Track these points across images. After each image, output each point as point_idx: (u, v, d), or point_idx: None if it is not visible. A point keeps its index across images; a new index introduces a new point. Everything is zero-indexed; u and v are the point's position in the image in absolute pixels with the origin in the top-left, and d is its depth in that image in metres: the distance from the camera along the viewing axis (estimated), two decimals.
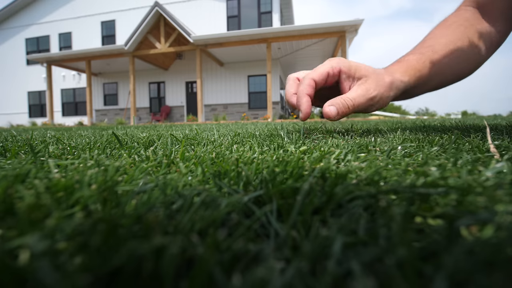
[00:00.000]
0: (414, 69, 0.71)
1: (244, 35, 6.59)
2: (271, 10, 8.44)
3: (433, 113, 10.57)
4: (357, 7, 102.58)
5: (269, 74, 6.54)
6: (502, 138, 0.52)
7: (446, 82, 0.80)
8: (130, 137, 0.78)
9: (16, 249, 0.13)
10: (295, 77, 0.69)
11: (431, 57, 0.72)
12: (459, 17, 0.77)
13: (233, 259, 0.13)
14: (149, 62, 8.52)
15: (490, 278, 0.11)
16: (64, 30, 10.45)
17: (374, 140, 0.51)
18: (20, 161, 0.34)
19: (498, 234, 0.15)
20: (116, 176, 0.26)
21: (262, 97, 8.70)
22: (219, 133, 0.95)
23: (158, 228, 0.14)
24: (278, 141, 0.56)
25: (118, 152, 0.46)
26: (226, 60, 8.79)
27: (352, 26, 6.06)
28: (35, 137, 0.86)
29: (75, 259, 0.12)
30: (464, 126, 0.99)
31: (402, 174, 0.26)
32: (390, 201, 0.18)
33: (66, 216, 0.17)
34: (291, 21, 11.05)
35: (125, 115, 9.68)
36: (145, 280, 0.11)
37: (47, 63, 8.33)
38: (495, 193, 0.19)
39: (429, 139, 0.53)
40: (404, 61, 0.73)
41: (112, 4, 9.88)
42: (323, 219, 0.18)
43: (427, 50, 0.73)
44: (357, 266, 0.12)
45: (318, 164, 0.30)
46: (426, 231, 0.16)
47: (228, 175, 0.26)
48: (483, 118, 3.95)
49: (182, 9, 9.10)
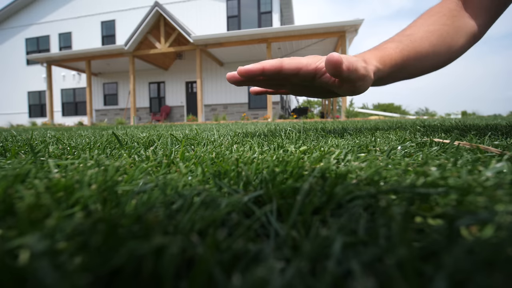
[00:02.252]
0: (390, 57, 0.70)
1: (244, 35, 6.58)
2: (271, 10, 8.44)
3: (433, 113, 10.58)
4: (357, 7, 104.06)
5: None
6: (500, 139, 0.52)
7: (422, 71, 0.81)
8: (130, 137, 0.78)
9: (16, 249, 0.13)
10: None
11: (408, 46, 0.73)
12: (443, 8, 0.79)
13: (233, 259, 0.13)
14: (149, 62, 8.52)
15: (490, 278, 0.11)
16: (64, 30, 10.45)
17: (374, 140, 0.51)
18: (20, 161, 0.34)
19: (498, 234, 0.15)
20: (116, 176, 0.26)
21: (262, 97, 8.69)
22: (219, 133, 0.95)
23: (158, 228, 0.14)
24: (278, 141, 0.56)
25: (118, 152, 0.46)
26: (226, 60, 8.79)
27: (352, 26, 6.06)
28: (35, 137, 0.86)
29: (75, 259, 0.12)
30: (464, 126, 0.99)
31: (402, 174, 0.26)
32: (390, 201, 0.18)
33: (66, 216, 0.17)
34: (291, 21, 11.05)
35: (125, 115, 9.68)
36: (145, 280, 0.11)
37: (47, 63, 8.33)
38: (495, 193, 0.19)
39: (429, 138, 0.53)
40: (381, 48, 0.73)
41: (112, 4, 9.87)
42: (323, 219, 0.18)
43: (406, 39, 0.74)
44: (357, 266, 0.12)
45: (318, 164, 0.30)
46: (426, 231, 0.16)
47: (228, 175, 0.26)
48: (483, 118, 3.95)
49: (182, 9, 9.10)
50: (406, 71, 0.76)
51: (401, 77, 0.81)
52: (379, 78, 0.73)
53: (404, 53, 0.72)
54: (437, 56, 0.76)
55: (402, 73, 0.76)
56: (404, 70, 0.75)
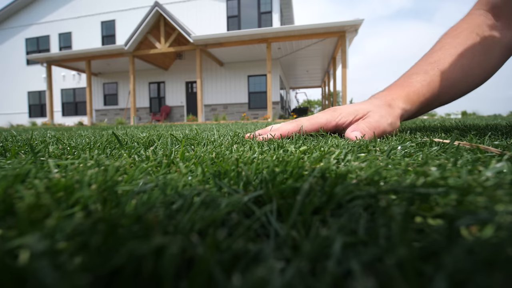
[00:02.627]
0: (418, 93, 0.67)
1: (244, 35, 6.58)
2: (271, 10, 8.44)
3: (433, 113, 10.60)
4: (357, 7, 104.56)
5: (269, 74, 6.54)
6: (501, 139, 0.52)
7: (458, 95, 0.74)
8: (130, 137, 0.78)
9: (16, 249, 0.13)
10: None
11: (436, 76, 0.67)
12: (470, 23, 0.72)
13: (233, 259, 0.13)
14: (149, 62, 8.52)
15: (490, 278, 0.11)
16: (64, 30, 10.45)
17: (374, 140, 0.51)
18: (20, 161, 0.34)
19: (498, 234, 0.15)
20: (116, 176, 0.26)
21: (262, 97, 8.70)
22: (219, 133, 0.95)
23: (158, 228, 0.14)
24: (278, 140, 0.56)
25: (118, 152, 0.46)
26: (226, 60, 8.79)
27: (352, 26, 6.06)
28: (35, 137, 0.86)
29: (75, 259, 0.12)
30: (464, 126, 0.99)
31: (402, 174, 0.26)
32: (390, 201, 0.18)
33: (66, 216, 0.17)
34: (291, 21, 11.05)
35: (125, 115, 9.68)
36: (145, 280, 0.11)
37: (47, 63, 8.33)
38: (495, 193, 0.19)
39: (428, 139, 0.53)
40: (407, 84, 0.68)
41: (112, 4, 9.87)
42: (323, 219, 0.18)
43: (432, 68, 0.68)
44: (357, 266, 0.12)
45: (318, 164, 0.30)
46: (426, 231, 0.16)
47: (228, 175, 0.26)
48: (483, 118, 3.95)
49: (182, 9, 9.10)
50: (438, 101, 0.72)
51: (434, 107, 0.75)
52: (409, 116, 0.70)
53: (433, 85, 0.67)
54: (471, 78, 0.70)
55: (434, 103, 0.72)
56: (436, 101, 0.71)
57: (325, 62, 9.38)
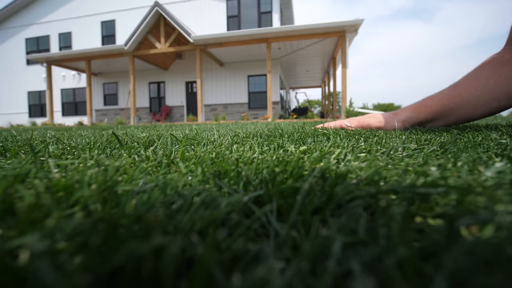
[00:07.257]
0: (425, 105, 0.83)
1: (244, 35, 6.58)
2: (271, 10, 8.44)
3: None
4: (357, 7, 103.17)
5: (269, 74, 6.54)
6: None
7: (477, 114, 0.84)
8: (130, 137, 0.78)
9: (16, 249, 0.13)
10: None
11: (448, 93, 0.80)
12: (491, 62, 0.81)
13: (233, 258, 0.13)
14: (149, 62, 8.52)
15: (490, 278, 0.11)
16: (64, 30, 10.45)
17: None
18: (20, 161, 0.34)
19: (498, 234, 0.15)
20: (116, 176, 0.26)
21: (262, 97, 8.70)
22: (219, 133, 0.95)
23: (158, 228, 0.14)
24: (278, 140, 0.56)
25: (118, 152, 0.46)
26: (226, 60, 8.78)
27: (352, 26, 6.06)
28: (35, 137, 0.86)
29: (75, 259, 0.12)
30: (463, 126, 0.99)
31: (402, 174, 0.26)
32: (390, 201, 0.18)
33: (66, 216, 0.17)
34: (291, 21, 11.05)
35: (125, 115, 9.68)
36: (145, 279, 0.11)
37: (47, 63, 8.33)
38: (495, 193, 0.19)
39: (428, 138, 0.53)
40: (422, 100, 0.86)
41: (112, 4, 9.87)
42: (323, 219, 0.18)
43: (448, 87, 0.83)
44: (357, 266, 0.12)
45: (318, 164, 0.30)
46: (426, 231, 0.16)
47: (228, 175, 0.26)
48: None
49: (182, 9, 9.10)
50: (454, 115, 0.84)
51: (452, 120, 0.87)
52: (418, 122, 0.86)
53: (443, 101, 0.81)
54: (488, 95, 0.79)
55: (450, 117, 0.85)
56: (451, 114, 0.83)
57: (325, 62, 9.38)
